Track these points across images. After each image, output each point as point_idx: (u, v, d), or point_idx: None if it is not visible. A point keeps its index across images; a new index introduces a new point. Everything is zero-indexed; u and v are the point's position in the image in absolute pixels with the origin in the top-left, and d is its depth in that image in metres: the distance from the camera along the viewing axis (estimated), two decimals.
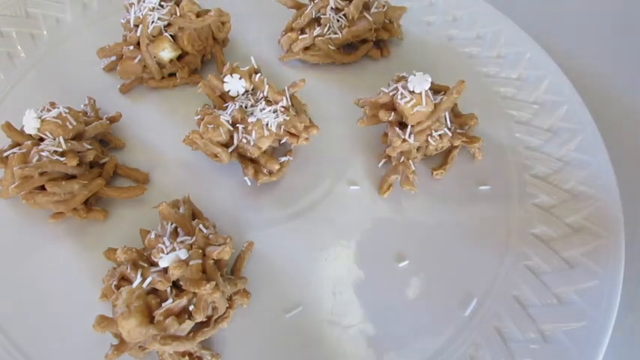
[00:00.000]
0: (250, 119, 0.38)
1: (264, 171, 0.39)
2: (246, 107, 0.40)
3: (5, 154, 0.38)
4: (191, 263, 0.31)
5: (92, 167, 0.39)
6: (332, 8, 0.46)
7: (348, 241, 0.38)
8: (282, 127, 0.38)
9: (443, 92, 0.40)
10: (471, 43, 0.50)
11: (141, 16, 0.43)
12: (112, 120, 0.43)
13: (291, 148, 0.41)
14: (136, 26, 0.44)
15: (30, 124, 0.38)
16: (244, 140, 0.38)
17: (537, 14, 0.56)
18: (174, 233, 0.34)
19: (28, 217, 0.39)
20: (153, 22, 0.43)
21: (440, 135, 0.39)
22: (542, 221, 0.38)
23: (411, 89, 0.38)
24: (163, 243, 0.33)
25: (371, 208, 0.40)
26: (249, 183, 0.40)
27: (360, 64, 0.49)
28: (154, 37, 0.44)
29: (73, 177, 0.38)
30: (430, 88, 0.38)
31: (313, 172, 0.41)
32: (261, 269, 0.37)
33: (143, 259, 0.33)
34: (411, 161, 0.39)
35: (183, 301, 0.30)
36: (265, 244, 0.38)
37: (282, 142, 0.40)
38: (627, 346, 0.36)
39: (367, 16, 0.46)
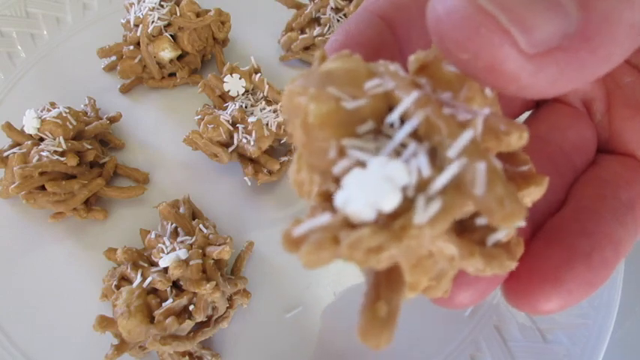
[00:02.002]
0: (250, 119, 0.38)
1: (264, 171, 0.39)
2: (246, 107, 0.40)
3: (5, 154, 0.38)
4: (191, 263, 0.31)
5: (92, 167, 0.39)
6: (332, 8, 0.46)
7: None
8: (283, 126, 0.38)
9: None
10: None
11: (141, 16, 0.43)
12: (112, 120, 0.43)
13: (292, 148, 0.41)
14: (136, 26, 0.44)
15: (30, 124, 0.38)
16: (244, 140, 0.38)
17: None
18: (175, 233, 0.34)
19: (28, 217, 0.39)
20: (153, 22, 0.43)
21: None
22: None
23: None
24: (163, 243, 0.33)
25: None
26: (249, 183, 0.40)
27: None
28: (154, 37, 0.44)
29: (73, 177, 0.38)
30: None
31: None
32: (261, 269, 0.37)
33: (143, 259, 0.33)
34: None
35: (183, 301, 0.30)
36: (265, 244, 0.38)
37: (282, 142, 0.40)
38: (627, 346, 0.36)
39: None
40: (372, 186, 0.11)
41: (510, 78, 0.12)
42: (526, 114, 0.20)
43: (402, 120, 0.13)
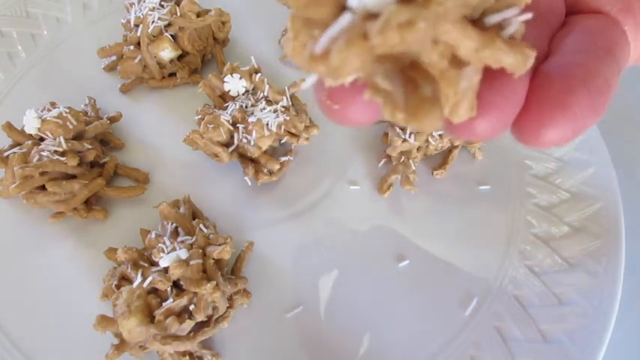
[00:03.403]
0: (250, 119, 0.38)
1: (264, 171, 0.39)
2: (246, 107, 0.40)
3: (5, 154, 0.38)
4: (191, 263, 0.31)
5: (92, 167, 0.39)
6: None
7: (348, 240, 0.38)
8: (283, 126, 0.38)
9: None
10: None
11: (141, 16, 0.43)
12: (113, 120, 0.43)
13: (292, 148, 0.41)
14: (137, 26, 0.44)
15: (30, 124, 0.38)
16: (244, 140, 0.38)
17: None
18: (175, 233, 0.34)
19: (28, 217, 0.39)
20: (153, 22, 0.43)
21: (440, 134, 0.39)
22: (542, 221, 0.38)
23: None
24: (164, 243, 0.33)
25: (371, 208, 0.40)
26: (249, 183, 0.40)
27: None
28: (154, 37, 0.44)
29: (73, 177, 0.38)
30: None
31: (313, 172, 0.42)
32: (261, 269, 0.37)
33: (144, 259, 0.33)
34: (411, 161, 0.39)
35: (183, 300, 0.30)
36: (265, 244, 0.38)
37: (282, 141, 0.40)
38: (627, 346, 0.36)
39: None
40: None
41: None
42: None
43: None
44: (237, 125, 0.38)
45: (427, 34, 0.11)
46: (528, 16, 0.13)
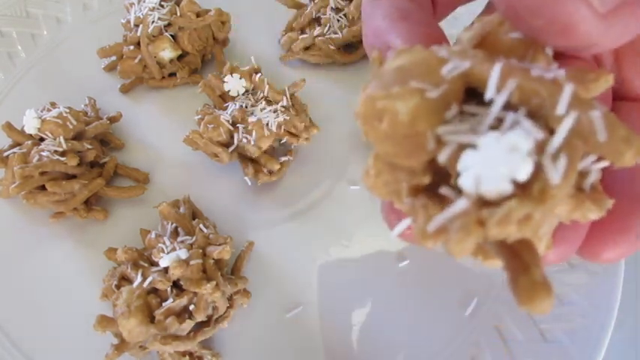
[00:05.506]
0: (250, 119, 0.38)
1: (265, 171, 0.39)
2: (246, 107, 0.40)
3: (5, 154, 0.38)
4: (191, 263, 0.31)
5: (92, 167, 0.39)
6: (332, 8, 0.46)
7: (349, 240, 0.38)
8: (283, 126, 0.38)
9: None
10: None
11: (141, 16, 0.43)
12: (113, 120, 0.43)
13: (292, 148, 0.41)
14: (137, 26, 0.44)
15: (30, 124, 0.38)
16: (244, 140, 0.38)
17: None
18: (175, 233, 0.34)
19: (28, 217, 0.39)
20: (153, 22, 0.43)
21: None
22: None
23: None
24: (164, 243, 0.33)
25: (371, 207, 0.40)
26: (249, 183, 0.40)
27: (360, 64, 0.49)
28: (154, 37, 0.44)
29: (73, 177, 0.38)
30: None
31: (313, 172, 0.41)
32: (261, 269, 0.37)
33: (143, 259, 0.33)
34: None
35: (183, 300, 0.30)
36: (265, 244, 0.38)
37: (282, 142, 0.40)
38: (627, 346, 0.36)
39: None
40: (499, 160, 0.11)
41: (583, 38, 0.13)
42: None
43: (481, 94, 0.13)
44: (237, 125, 0.38)
45: (540, 221, 0.12)
46: (606, 163, 0.14)
